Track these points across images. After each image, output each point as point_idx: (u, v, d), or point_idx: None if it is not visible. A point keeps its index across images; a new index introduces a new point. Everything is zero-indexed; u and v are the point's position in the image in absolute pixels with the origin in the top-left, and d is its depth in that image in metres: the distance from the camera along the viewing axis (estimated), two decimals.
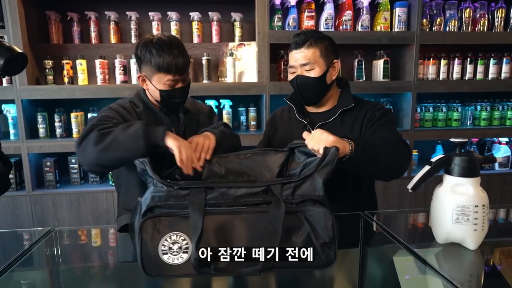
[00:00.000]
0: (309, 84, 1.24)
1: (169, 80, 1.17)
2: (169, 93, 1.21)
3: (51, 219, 2.30)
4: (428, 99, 2.62)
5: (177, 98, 1.23)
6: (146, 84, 1.24)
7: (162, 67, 1.15)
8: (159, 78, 1.18)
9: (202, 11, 2.44)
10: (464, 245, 0.93)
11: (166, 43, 1.16)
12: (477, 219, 0.89)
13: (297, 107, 1.34)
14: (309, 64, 1.22)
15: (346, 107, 1.28)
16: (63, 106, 2.36)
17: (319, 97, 1.28)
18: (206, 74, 2.39)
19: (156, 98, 1.24)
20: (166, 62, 1.14)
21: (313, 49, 1.21)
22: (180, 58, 1.16)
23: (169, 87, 1.20)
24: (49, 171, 2.29)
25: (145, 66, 1.20)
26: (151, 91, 1.24)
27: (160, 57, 1.14)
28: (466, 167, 0.90)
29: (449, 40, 2.43)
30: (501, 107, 2.60)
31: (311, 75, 1.23)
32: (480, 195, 0.90)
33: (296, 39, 1.24)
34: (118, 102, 1.28)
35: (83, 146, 1.05)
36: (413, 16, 2.38)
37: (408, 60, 2.44)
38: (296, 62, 1.23)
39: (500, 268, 0.96)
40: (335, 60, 1.26)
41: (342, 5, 2.39)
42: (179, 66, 1.16)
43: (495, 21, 2.51)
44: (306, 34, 1.24)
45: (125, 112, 1.21)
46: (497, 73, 2.54)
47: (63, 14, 2.38)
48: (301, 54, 1.22)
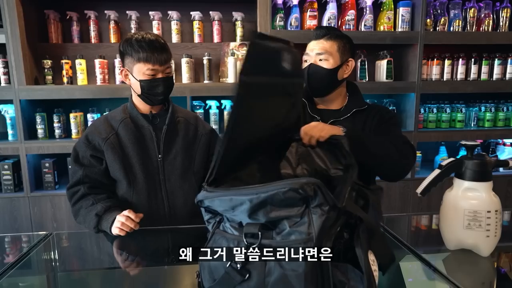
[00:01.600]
0: (321, 75, 1.23)
1: (149, 69, 1.21)
2: (148, 83, 1.23)
3: (50, 221, 2.27)
4: (431, 100, 2.58)
5: (158, 89, 1.24)
6: (128, 79, 1.28)
7: (141, 57, 1.20)
8: (139, 68, 1.21)
9: (203, 11, 2.41)
10: (475, 251, 0.91)
11: (147, 38, 1.21)
12: (490, 225, 0.87)
13: (309, 103, 1.33)
14: (324, 54, 1.22)
15: (360, 108, 1.28)
16: (62, 107, 2.33)
17: (327, 90, 1.28)
18: (207, 74, 2.36)
19: (137, 91, 1.26)
20: (146, 52, 1.19)
21: (331, 42, 1.23)
22: (159, 50, 1.21)
23: (149, 77, 1.22)
24: (48, 172, 2.26)
25: (126, 59, 1.24)
26: (133, 85, 1.27)
27: (140, 48, 1.19)
28: (478, 171, 0.87)
29: (453, 40, 2.40)
30: (506, 108, 2.57)
31: (324, 66, 1.23)
32: (492, 200, 0.87)
33: (317, 32, 1.26)
34: (93, 123, 1.37)
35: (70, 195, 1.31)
36: (417, 16, 2.34)
37: (411, 60, 2.41)
38: (312, 51, 1.24)
39: (504, 276, 0.93)
40: (350, 58, 1.27)
41: (345, 5, 2.36)
42: (157, 56, 1.20)
43: (500, 21, 2.48)
44: (328, 29, 1.26)
45: (97, 136, 1.29)
46: (501, 73, 2.51)
47: (62, 13, 2.35)
48: (319, 44, 1.23)
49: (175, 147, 1.34)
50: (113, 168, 1.27)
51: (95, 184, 1.28)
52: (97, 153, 1.28)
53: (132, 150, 1.28)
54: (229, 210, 0.59)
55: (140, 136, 1.31)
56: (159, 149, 1.31)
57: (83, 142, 1.29)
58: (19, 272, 0.93)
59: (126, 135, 1.29)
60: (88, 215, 1.20)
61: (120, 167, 1.27)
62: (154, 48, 1.20)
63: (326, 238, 0.56)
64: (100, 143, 1.27)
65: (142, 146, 1.30)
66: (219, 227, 0.63)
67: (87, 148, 1.27)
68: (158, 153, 1.31)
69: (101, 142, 1.27)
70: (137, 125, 1.31)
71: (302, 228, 0.56)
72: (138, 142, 1.30)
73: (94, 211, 1.18)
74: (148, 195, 1.29)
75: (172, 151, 1.33)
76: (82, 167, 1.27)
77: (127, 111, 1.33)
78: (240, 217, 0.59)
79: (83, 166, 1.27)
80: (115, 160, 1.27)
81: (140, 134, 1.31)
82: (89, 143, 1.28)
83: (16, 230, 2.24)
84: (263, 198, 0.56)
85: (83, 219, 1.22)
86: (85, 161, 1.27)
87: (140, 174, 1.29)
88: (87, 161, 1.27)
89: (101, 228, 1.18)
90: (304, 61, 1.28)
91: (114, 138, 1.28)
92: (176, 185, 1.32)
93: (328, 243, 0.56)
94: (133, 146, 1.29)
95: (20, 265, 0.95)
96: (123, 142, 1.29)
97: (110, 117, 1.34)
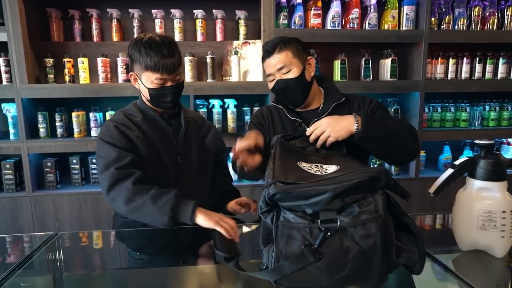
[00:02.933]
0: (291, 86, 1.24)
1: (157, 78, 1.18)
2: (157, 91, 1.20)
3: (52, 221, 2.25)
4: (436, 99, 2.57)
5: (167, 97, 1.22)
6: (137, 84, 1.25)
7: (149, 65, 1.16)
8: (147, 76, 1.18)
9: (206, 9, 2.39)
10: (490, 252, 0.89)
11: (155, 42, 1.16)
12: (505, 225, 0.85)
13: (286, 108, 1.33)
14: (286, 67, 1.23)
15: (338, 101, 1.28)
16: (64, 105, 2.31)
17: (304, 96, 1.28)
18: (211, 73, 2.34)
19: (147, 97, 1.25)
20: (154, 61, 1.15)
21: (284, 52, 1.23)
22: (168, 58, 1.16)
23: (158, 86, 1.19)
24: (49, 172, 2.24)
25: (135, 65, 1.21)
26: (142, 90, 1.25)
27: (148, 56, 1.15)
28: (493, 171, 0.86)
29: (458, 39, 2.38)
30: (510, 107, 2.55)
31: (290, 77, 1.23)
32: (507, 200, 0.86)
33: (265, 48, 1.26)
34: (114, 119, 1.25)
35: (112, 196, 1.10)
36: (422, 14, 2.33)
37: (416, 59, 2.40)
38: (273, 68, 1.24)
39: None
40: (308, 57, 1.28)
41: (349, 3, 2.34)
42: (166, 65, 1.16)
43: (505, 19, 2.46)
44: (273, 41, 1.26)
45: (127, 130, 1.21)
46: (506, 72, 2.49)
47: (64, 12, 2.33)
48: (275, 59, 1.23)
49: (192, 151, 1.34)
50: (150, 168, 1.22)
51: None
52: (133, 146, 1.21)
53: (162, 149, 1.26)
54: (300, 201, 0.64)
55: (162, 135, 1.28)
56: (178, 152, 1.30)
57: (117, 134, 1.19)
58: (26, 273, 0.92)
59: (152, 134, 1.26)
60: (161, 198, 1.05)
61: (157, 166, 1.24)
62: (163, 56, 1.15)
63: (386, 214, 0.67)
64: (134, 140, 1.21)
65: (166, 147, 1.28)
66: (279, 218, 0.67)
67: (125, 140, 1.19)
68: (177, 155, 1.30)
69: (135, 139, 1.21)
70: (157, 125, 1.28)
71: (370, 208, 0.65)
72: (163, 143, 1.27)
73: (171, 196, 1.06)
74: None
75: (190, 155, 1.33)
76: (130, 154, 1.16)
77: (143, 111, 1.29)
78: (310, 207, 0.65)
79: (129, 153, 1.17)
80: (151, 159, 1.23)
81: (162, 133, 1.28)
82: (124, 135, 1.20)
83: (17, 230, 2.22)
84: (346, 186, 0.64)
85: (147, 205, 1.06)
86: (128, 149, 1.18)
87: (172, 172, 1.27)
88: (130, 149, 1.18)
89: (178, 214, 1.05)
90: (270, 81, 1.28)
91: (144, 136, 1.24)
92: (193, 186, 1.33)
93: (389, 217, 0.68)
94: (161, 145, 1.26)
95: (27, 265, 0.94)
96: (152, 141, 1.25)
97: (128, 115, 1.27)
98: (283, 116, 1.34)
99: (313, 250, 0.62)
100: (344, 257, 0.62)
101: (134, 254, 1.10)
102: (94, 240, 1.23)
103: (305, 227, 0.64)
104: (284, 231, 0.64)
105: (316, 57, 2.38)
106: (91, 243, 1.21)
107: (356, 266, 0.63)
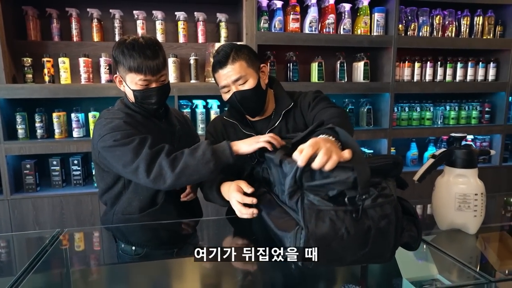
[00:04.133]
0: (250, 97, 1.20)
1: (141, 80, 1.17)
2: (142, 93, 1.19)
3: (32, 224, 2.20)
4: (404, 100, 2.78)
5: (152, 98, 1.21)
6: (123, 86, 1.25)
7: (132, 67, 1.15)
8: (131, 78, 1.18)
9: (188, 11, 2.44)
10: (464, 230, 1.04)
11: (139, 44, 1.16)
12: (477, 206, 1.00)
13: (240, 122, 1.29)
14: (242, 78, 1.18)
15: (287, 108, 1.27)
16: (43, 106, 2.26)
17: (262, 105, 1.27)
18: (194, 74, 2.39)
19: (132, 99, 1.24)
20: (137, 62, 1.14)
21: (238, 62, 1.17)
22: (152, 59, 1.15)
23: (142, 87, 1.19)
24: (28, 174, 2.19)
25: (119, 67, 1.20)
26: (127, 92, 1.24)
27: (131, 57, 1.14)
28: (467, 159, 1.00)
29: (422, 44, 2.60)
30: (467, 107, 2.82)
31: (247, 87, 1.19)
32: (478, 185, 1.01)
33: (217, 59, 1.19)
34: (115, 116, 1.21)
35: (155, 176, 1.06)
36: (391, 21, 2.52)
37: (386, 62, 2.59)
38: (228, 80, 1.18)
39: (488, 250, 1.07)
40: (261, 65, 1.26)
41: (325, 9, 2.49)
42: (150, 66, 1.15)
43: (461, 28, 2.72)
44: (224, 50, 1.19)
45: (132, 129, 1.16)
46: (463, 76, 2.76)
47: (41, 10, 2.28)
48: (230, 71, 1.17)
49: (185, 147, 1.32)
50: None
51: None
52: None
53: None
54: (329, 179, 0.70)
55: (158, 133, 1.26)
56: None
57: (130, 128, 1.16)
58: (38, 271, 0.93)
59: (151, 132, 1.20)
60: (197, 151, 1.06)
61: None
62: (146, 57, 1.14)
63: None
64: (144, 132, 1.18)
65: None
66: (304, 201, 0.72)
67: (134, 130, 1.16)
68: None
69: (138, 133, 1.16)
70: (151, 124, 1.27)
71: (386, 192, 0.72)
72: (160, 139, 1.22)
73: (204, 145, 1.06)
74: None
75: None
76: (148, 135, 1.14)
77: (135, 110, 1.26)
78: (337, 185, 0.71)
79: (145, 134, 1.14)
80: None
81: (157, 131, 1.26)
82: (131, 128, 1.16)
83: None
84: (372, 168, 0.70)
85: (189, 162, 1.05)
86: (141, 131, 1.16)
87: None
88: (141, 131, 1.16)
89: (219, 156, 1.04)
90: (225, 92, 1.23)
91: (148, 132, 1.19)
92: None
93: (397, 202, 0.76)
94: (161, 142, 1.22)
95: (39, 264, 0.94)
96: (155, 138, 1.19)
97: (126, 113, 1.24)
98: (238, 131, 1.29)
99: (341, 230, 0.69)
100: (365, 236, 0.70)
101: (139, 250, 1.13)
102: (99, 236, 1.25)
103: (330, 209, 0.70)
104: (311, 214, 0.70)
105: (295, 59, 2.51)
106: (97, 238, 1.24)
107: (375, 244, 0.70)
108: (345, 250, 0.71)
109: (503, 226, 1.27)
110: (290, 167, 0.75)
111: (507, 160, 2.95)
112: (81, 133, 2.27)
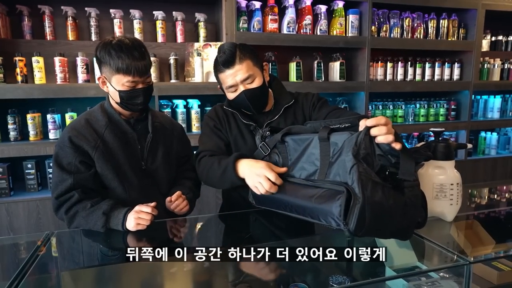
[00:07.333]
0: (259, 95, 1.24)
1: (129, 81, 1.17)
2: (128, 93, 1.19)
3: (6, 230, 2.11)
4: (378, 98, 2.90)
5: (138, 99, 1.21)
6: (106, 87, 1.23)
7: (121, 68, 1.15)
8: (118, 79, 1.17)
9: (166, 11, 2.43)
10: (442, 218, 1.11)
11: (125, 45, 1.15)
12: (453, 195, 1.08)
13: (240, 112, 1.31)
14: (251, 77, 1.20)
15: (288, 104, 1.31)
16: (16, 107, 2.18)
17: (266, 102, 1.31)
18: (174, 74, 2.38)
19: (116, 99, 1.22)
20: (125, 63, 1.14)
21: (245, 61, 1.19)
22: (140, 60, 1.16)
23: (129, 88, 1.19)
24: (1, 178, 2.10)
25: (104, 68, 1.19)
26: (111, 93, 1.23)
27: (119, 58, 1.14)
28: (445, 152, 1.08)
29: (394, 45, 2.73)
30: (435, 105, 2.99)
31: (255, 86, 1.22)
32: (455, 175, 1.09)
33: (224, 59, 1.19)
34: (73, 126, 1.24)
35: (60, 217, 1.23)
36: (364, 23, 2.63)
37: (360, 62, 2.69)
38: (236, 79, 1.20)
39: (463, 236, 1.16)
40: (264, 63, 1.29)
41: (302, 10, 2.55)
42: (138, 67, 1.15)
43: (429, 30, 2.88)
44: (230, 49, 1.19)
45: (82, 140, 1.20)
46: (431, 75, 2.92)
47: (10, 7, 2.19)
48: (238, 70, 1.19)
49: (157, 157, 1.32)
50: (107, 178, 1.22)
51: (86, 189, 1.20)
52: (86, 159, 1.20)
53: (122, 157, 1.24)
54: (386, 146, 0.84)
55: (125, 142, 1.27)
56: (143, 157, 1.29)
57: (69, 147, 1.19)
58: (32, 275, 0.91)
59: (113, 142, 1.24)
60: (92, 215, 1.14)
61: (114, 176, 1.22)
62: (134, 58, 1.14)
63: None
64: (89, 151, 1.20)
65: (128, 153, 1.26)
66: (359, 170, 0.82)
67: (76, 154, 1.19)
68: (142, 160, 1.29)
69: (90, 150, 1.20)
70: (121, 131, 1.27)
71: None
72: (125, 149, 1.26)
73: (100, 211, 1.13)
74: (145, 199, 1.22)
75: (155, 161, 1.32)
76: (71, 175, 1.18)
77: (108, 114, 1.27)
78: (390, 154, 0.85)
79: (72, 173, 1.18)
80: (108, 169, 1.22)
81: (125, 140, 1.27)
82: (76, 148, 1.19)
83: None
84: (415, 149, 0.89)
85: (85, 221, 1.15)
86: (73, 168, 1.18)
87: (134, 180, 1.26)
88: (75, 168, 1.19)
89: (110, 226, 1.13)
90: (232, 92, 1.24)
91: (103, 145, 1.22)
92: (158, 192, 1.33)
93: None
94: (122, 153, 1.24)
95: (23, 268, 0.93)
96: (112, 149, 1.23)
97: (91, 120, 1.26)
98: (238, 121, 1.32)
99: (390, 201, 0.78)
100: (403, 210, 0.80)
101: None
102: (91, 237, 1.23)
103: (380, 182, 0.80)
104: (367, 182, 0.78)
105: (274, 59, 2.55)
106: (84, 241, 1.22)
107: (406, 219, 0.81)
108: (390, 221, 0.80)
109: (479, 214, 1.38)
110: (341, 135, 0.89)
111: (471, 154, 3.14)
112: (58, 135, 2.21)
